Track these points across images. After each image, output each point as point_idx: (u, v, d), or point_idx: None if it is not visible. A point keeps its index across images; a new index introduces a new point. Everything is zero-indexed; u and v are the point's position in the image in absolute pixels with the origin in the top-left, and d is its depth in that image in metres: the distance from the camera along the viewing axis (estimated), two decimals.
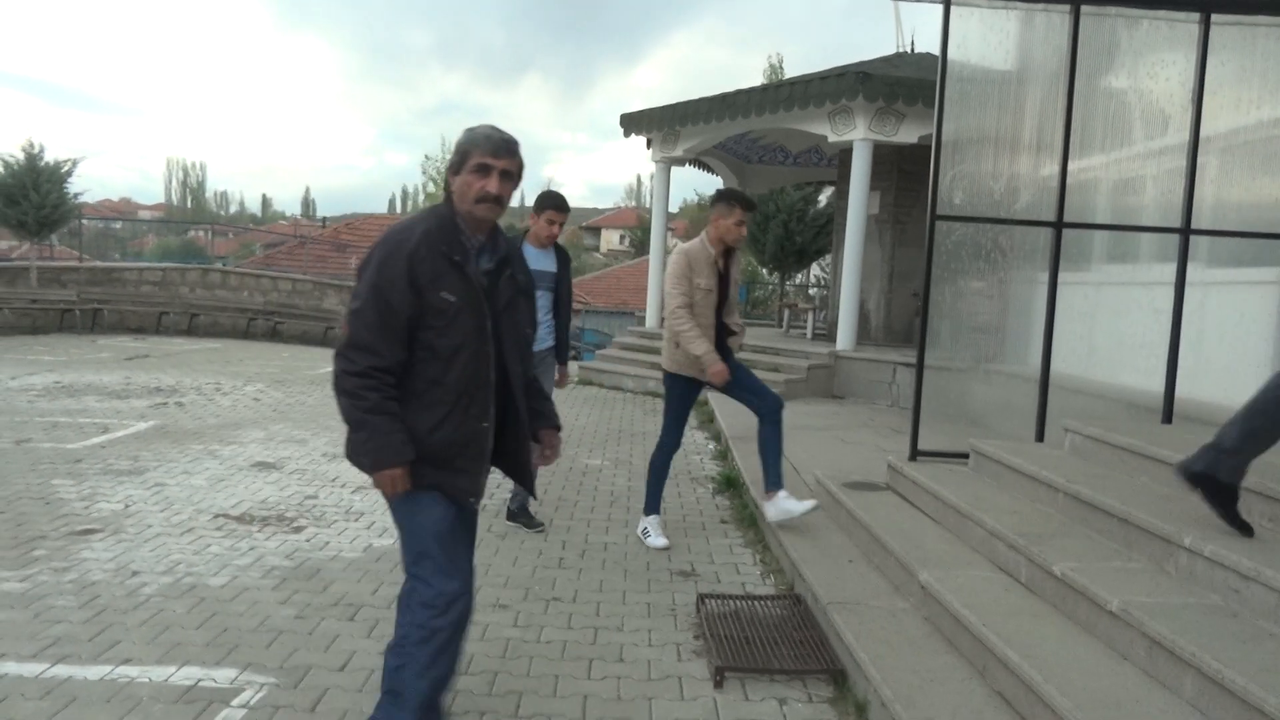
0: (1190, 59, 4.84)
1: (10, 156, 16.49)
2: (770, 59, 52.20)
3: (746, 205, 4.59)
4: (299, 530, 4.82)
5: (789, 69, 31.32)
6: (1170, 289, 4.92)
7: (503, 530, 4.96)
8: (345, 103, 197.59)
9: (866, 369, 9.75)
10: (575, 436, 7.65)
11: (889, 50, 13.00)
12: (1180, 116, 4.96)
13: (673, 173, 13.17)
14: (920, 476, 4.54)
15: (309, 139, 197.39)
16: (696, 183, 72.67)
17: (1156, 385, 4.94)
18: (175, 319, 16.68)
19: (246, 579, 4.05)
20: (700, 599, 3.93)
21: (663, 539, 4.78)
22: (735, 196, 4.60)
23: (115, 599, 3.75)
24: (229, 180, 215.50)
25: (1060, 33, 4.89)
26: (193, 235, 39.94)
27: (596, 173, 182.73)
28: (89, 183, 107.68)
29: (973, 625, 3.01)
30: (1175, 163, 4.99)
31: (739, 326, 4.83)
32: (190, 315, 16.87)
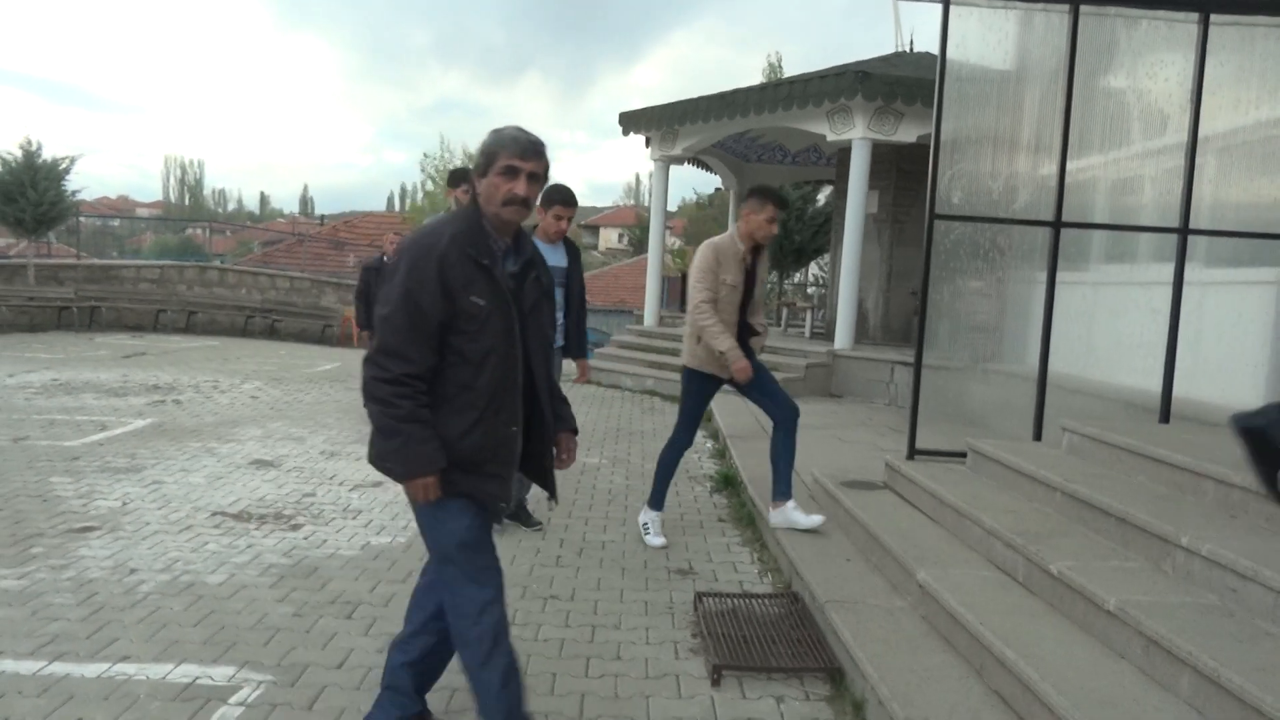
0: (1189, 59, 4.85)
1: (8, 154, 16.51)
2: (769, 58, 52.30)
3: (780, 203, 4.47)
4: (297, 528, 4.82)
5: (788, 68, 31.41)
6: (1168, 289, 4.93)
7: (500, 528, 4.96)
8: (344, 101, 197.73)
9: (864, 368, 9.75)
10: None
11: (888, 50, 13.02)
12: (1179, 116, 4.97)
13: (671, 171, 13.18)
14: (918, 475, 4.54)
15: (307, 137, 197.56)
16: (695, 181, 72.91)
17: (1154, 385, 4.95)
18: (173, 316, 16.66)
19: (244, 577, 4.05)
20: (698, 597, 3.93)
21: (660, 538, 4.78)
22: (768, 193, 4.47)
23: (113, 596, 3.75)
24: (227, 178, 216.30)
25: (1059, 32, 4.90)
26: (191, 233, 39.84)
27: (595, 171, 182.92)
28: (87, 180, 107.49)
29: (970, 624, 3.02)
30: (1173, 162, 4.99)
31: (763, 326, 4.72)
32: (188, 313, 16.86)
